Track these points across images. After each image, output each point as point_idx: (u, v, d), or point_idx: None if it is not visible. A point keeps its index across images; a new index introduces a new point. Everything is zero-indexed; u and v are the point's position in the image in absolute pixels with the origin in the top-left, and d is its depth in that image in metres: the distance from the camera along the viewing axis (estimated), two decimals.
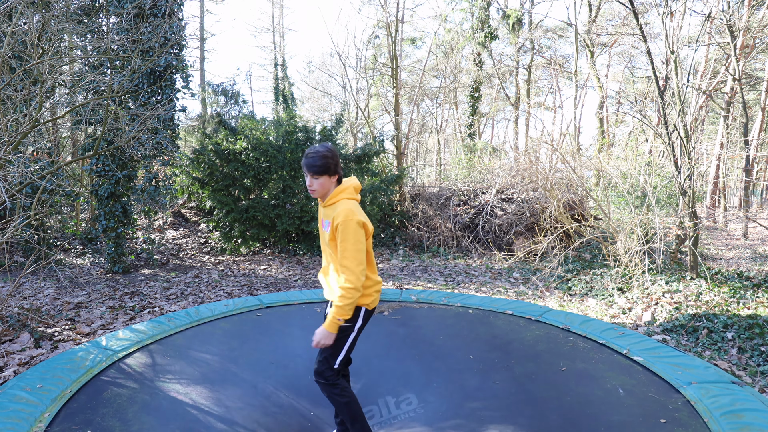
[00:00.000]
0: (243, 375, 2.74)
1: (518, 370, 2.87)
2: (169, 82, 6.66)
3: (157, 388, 2.49)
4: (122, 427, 2.09)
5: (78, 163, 7.91)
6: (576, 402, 2.45)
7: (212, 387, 2.56)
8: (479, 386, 2.70)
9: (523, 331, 3.50)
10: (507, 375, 2.81)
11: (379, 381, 2.78)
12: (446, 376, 2.82)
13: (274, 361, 2.94)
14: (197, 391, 2.50)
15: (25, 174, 3.53)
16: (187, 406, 2.34)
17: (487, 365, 2.94)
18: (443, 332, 3.53)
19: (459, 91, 16.37)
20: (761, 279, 5.05)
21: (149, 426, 2.12)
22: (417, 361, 3.05)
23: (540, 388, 2.63)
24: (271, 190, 8.67)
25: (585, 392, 2.55)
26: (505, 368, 2.89)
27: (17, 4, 3.42)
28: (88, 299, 5.07)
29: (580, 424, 2.23)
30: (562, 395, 2.53)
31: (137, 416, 2.19)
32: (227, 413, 2.29)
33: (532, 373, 2.82)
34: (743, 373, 3.30)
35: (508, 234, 8.63)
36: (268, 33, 20.52)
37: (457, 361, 3.02)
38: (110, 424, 2.11)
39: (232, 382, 2.64)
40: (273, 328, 3.52)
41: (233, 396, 2.49)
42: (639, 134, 13.69)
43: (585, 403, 2.43)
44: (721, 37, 12.88)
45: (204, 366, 2.81)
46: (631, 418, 2.25)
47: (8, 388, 2.32)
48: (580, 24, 14.37)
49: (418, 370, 2.91)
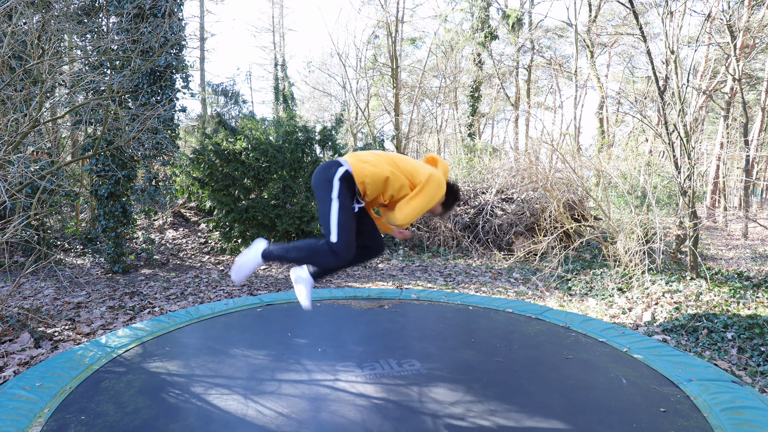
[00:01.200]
0: (243, 368, 2.74)
1: (520, 354, 2.98)
2: (169, 82, 6.66)
3: (157, 383, 2.49)
4: (123, 421, 2.09)
5: (78, 163, 7.91)
6: (578, 386, 2.52)
7: (213, 381, 2.57)
8: (481, 362, 2.84)
9: (524, 326, 3.52)
10: (508, 356, 2.93)
11: (381, 350, 3.00)
12: (448, 353, 2.98)
13: (276, 355, 2.95)
14: (198, 385, 2.50)
15: (25, 174, 3.53)
16: (188, 400, 2.34)
17: (488, 348, 3.08)
18: (444, 322, 3.67)
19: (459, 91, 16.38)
20: (761, 279, 5.05)
21: (150, 419, 2.12)
22: (418, 340, 3.21)
23: (542, 370, 2.74)
24: (271, 190, 8.67)
25: (587, 378, 2.61)
26: (507, 351, 3.02)
27: (17, 4, 3.42)
28: (88, 299, 5.07)
29: (581, 405, 2.30)
30: (565, 378, 2.61)
31: (138, 411, 2.19)
32: (228, 407, 2.29)
33: (534, 357, 2.92)
34: (743, 373, 3.30)
35: (508, 234, 8.64)
36: (268, 33, 20.55)
37: (458, 343, 3.16)
38: (111, 419, 2.11)
39: (232, 376, 2.65)
40: (273, 323, 3.53)
41: (233, 389, 2.49)
42: (639, 134, 13.69)
43: (587, 388, 2.49)
44: (721, 37, 12.89)
45: (204, 360, 2.81)
46: (632, 405, 2.29)
47: (8, 388, 2.33)
48: (580, 24, 14.38)
49: (420, 346, 3.08)
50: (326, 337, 3.26)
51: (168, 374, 2.65)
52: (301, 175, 8.68)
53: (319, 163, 8.82)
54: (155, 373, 2.66)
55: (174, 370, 2.71)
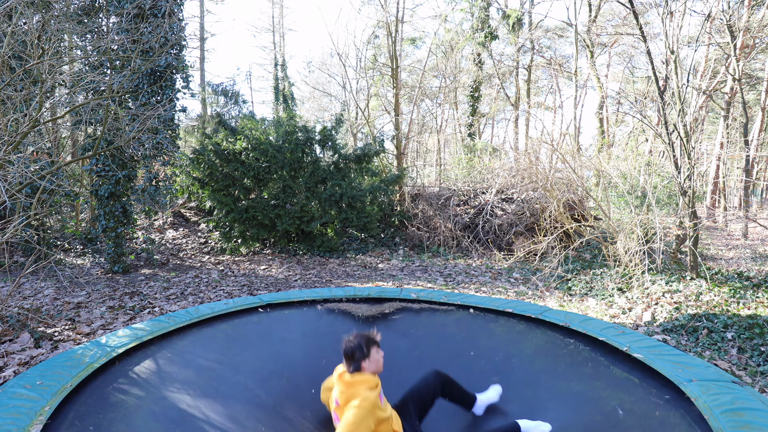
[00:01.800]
0: (243, 369, 2.74)
1: (519, 353, 3.02)
2: (169, 83, 6.66)
3: (157, 384, 2.49)
4: (123, 421, 2.10)
5: (78, 163, 7.91)
6: (578, 389, 2.54)
7: (213, 382, 2.57)
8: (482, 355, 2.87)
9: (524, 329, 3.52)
10: (508, 353, 2.97)
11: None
12: (451, 351, 3.04)
13: (274, 354, 2.95)
14: (198, 385, 2.50)
15: (25, 174, 3.53)
16: (188, 400, 2.34)
17: (488, 347, 3.13)
18: (443, 322, 3.69)
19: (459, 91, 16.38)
20: (761, 279, 5.05)
21: (150, 419, 2.12)
22: (417, 339, 3.28)
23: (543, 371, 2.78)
24: (271, 190, 8.67)
25: (586, 379, 2.63)
26: (506, 353, 3.05)
27: (17, 4, 3.42)
28: (88, 299, 5.07)
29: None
30: (564, 381, 2.62)
31: (138, 410, 2.19)
32: (228, 407, 2.30)
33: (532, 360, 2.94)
34: (743, 373, 3.30)
35: (508, 234, 8.64)
36: (268, 33, 20.54)
37: (458, 341, 3.22)
38: (112, 417, 2.11)
39: (232, 376, 2.65)
40: (273, 322, 3.53)
41: (231, 387, 2.49)
42: (639, 134, 13.69)
43: (587, 389, 2.52)
44: (721, 37, 12.88)
45: (203, 358, 2.81)
46: (631, 406, 2.32)
47: (8, 387, 2.33)
48: (580, 24, 14.37)
49: (420, 341, 3.14)
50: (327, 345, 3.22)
51: (168, 373, 2.65)
52: (301, 175, 8.68)
53: (319, 163, 8.82)
54: (155, 372, 2.66)
55: (174, 369, 2.71)
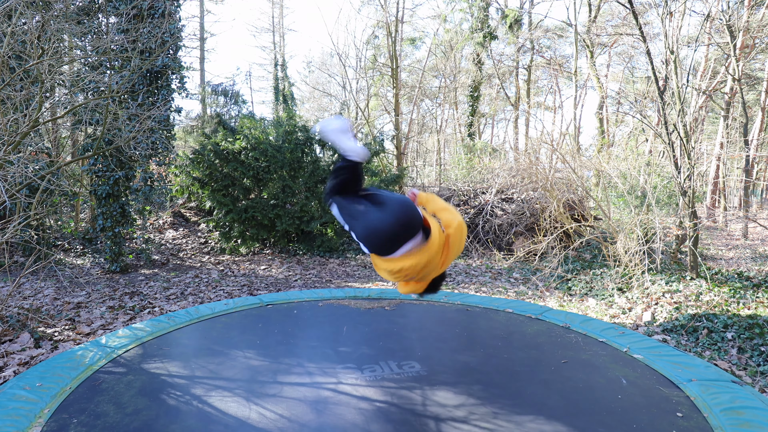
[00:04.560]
0: (243, 369, 2.74)
1: (519, 354, 3.01)
2: (165, 83, 6.67)
3: (157, 384, 2.49)
4: (123, 422, 2.09)
5: (78, 163, 7.91)
6: (578, 387, 2.54)
7: (213, 382, 2.56)
8: (481, 363, 2.86)
9: (524, 326, 3.52)
10: (509, 358, 2.93)
11: (382, 352, 3.02)
12: (448, 354, 3.00)
13: (274, 352, 2.94)
14: (198, 386, 2.50)
15: (25, 174, 3.53)
16: (188, 401, 2.34)
17: (488, 349, 3.09)
18: (444, 323, 3.68)
19: (459, 91, 16.38)
20: (761, 279, 5.05)
21: (150, 420, 2.12)
22: (418, 342, 3.23)
23: (542, 371, 2.75)
24: (271, 190, 8.67)
25: (587, 379, 2.63)
26: (506, 351, 3.04)
27: (17, 4, 3.42)
28: (88, 299, 5.07)
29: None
30: (565, 379, 2.63)
31: (138, 411, 2.19)
32: (228, 408, 2.29)
33: (534, 358, 2.93)
34: (743, 373, 3.30)
35: (508, 234, 8.63)
36: (268, 33, 20.54)
37: (458, 344, 3.17)
38: (111, 419, 2.11)
39: (233, 377, 2.64)
40: (273, 323, 3.53)
41: (233, 390, 2.49)
42: (639, 134, 13.69)
43: (586, 389, 2.51)
44: (721, 37, 12.88)
45: (204, 361, 2.81)
46: (632, 406, 2.30)
47: (8, 388, 2.32)
48: (579, 24, 14.37)
49: (420, 347, 3.11)
50: (326, 339, 3.26)
51: (168, 375, 2.64)
52: (300, 174, 8.68)
53: (318, 163, 8.82)
54: (155, 373, 2.65)
55: (174, 370, 2.70)
